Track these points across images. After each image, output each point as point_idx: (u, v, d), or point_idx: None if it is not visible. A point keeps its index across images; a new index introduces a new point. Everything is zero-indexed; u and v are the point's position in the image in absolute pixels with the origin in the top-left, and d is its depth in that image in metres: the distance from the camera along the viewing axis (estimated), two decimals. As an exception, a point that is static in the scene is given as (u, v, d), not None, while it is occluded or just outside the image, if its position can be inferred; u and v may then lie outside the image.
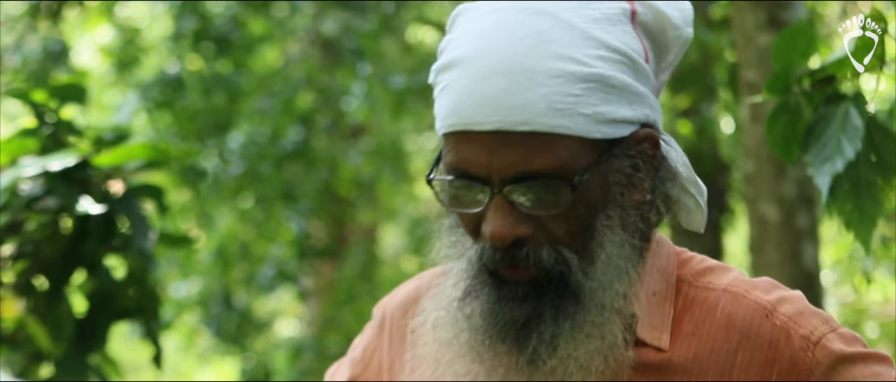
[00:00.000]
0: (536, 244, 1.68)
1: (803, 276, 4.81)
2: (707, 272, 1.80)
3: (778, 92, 2.41)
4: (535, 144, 1.66)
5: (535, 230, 1.68)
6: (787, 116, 2.42)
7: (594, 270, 1.69)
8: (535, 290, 1.69)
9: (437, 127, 1.74)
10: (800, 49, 2.38)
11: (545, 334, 1.67)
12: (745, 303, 1.75)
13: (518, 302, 1.68)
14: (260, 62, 10.06)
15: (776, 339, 1.72)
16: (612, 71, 1.70)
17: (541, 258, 1.67)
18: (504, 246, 1.67)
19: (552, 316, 1.68)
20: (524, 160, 1.65)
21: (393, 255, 12.38)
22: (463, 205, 1.71)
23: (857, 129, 2.32)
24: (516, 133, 1.65)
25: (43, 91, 3.39)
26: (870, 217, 2.36)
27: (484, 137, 1.66)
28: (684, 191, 1.81)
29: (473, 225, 1.71)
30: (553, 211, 1.67)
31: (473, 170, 1.68)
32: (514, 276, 1.69)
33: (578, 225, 1.68)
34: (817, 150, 2.35)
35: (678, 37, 1.80)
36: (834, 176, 2.33)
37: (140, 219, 3.31)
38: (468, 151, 1.68)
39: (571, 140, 1.67)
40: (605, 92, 1.69)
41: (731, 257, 9.96)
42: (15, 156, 3.33)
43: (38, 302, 3.35)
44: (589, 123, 1.68)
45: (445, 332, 1.73)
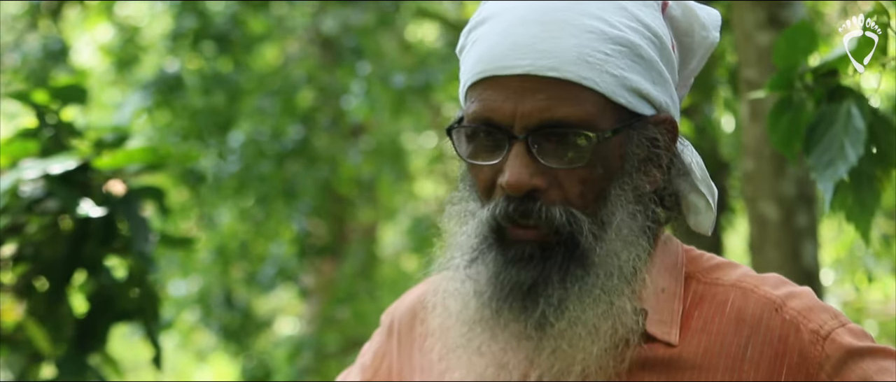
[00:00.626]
0: (549, 202, 1.68)
1: (803, 275, 4.81)
2: (715, 268, 1.81)
3: (780, 88, 2.41)
4: (561, 93, 1.67)
5: (550, 185, 1.68)
6: (790, 112, 2.42)
7: (605, 236, 1.69)
8: (543, 252, 1.68)
9: (464, 81, 1.75)
10: (802, 47, 2.38)
11: (553, 297, 1.67)
12: (754, 298, 1.75)
13: (524, 263, 1.68)
14: (259, 61, 10.05)
15: (786, 333, 1.73)
16: (641, 42, 1.73)
17: (552, 216, 1.67)
18: (519, 196, 1.67)
19: (559, 279, 1.68)
20: (549, 107, 1.67)
21: (392, 254, 12.38)
22: (482, 156, 1.71)
23: (859, 132, 2.32)
24: (544, 79, 1.67)
25: (44, 92, 3.38)
26: (869, 210, 2.36)
27: (511, 83, 1.68)
28: (696, 191, 1.81)
29: (489, 180, 1.71)
30: (571, 165, 1.68)
31: (497, 117, 1.69)
32: (521, 236, 1.68)
33: (592, 188, 1.69)
34: (820, 154, 2.35)
35: (704, 38, 1.83)
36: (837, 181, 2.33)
37: (140, 222, 3.30)
38: (494, 98, 1.69)
39: (596, 97, 1.69)
40: (632, 60, 1.71)
41: (730, 256, 9.95)
42: (16, 158, 3.33)
43: (39, 303, 3.35)
44: (615, 85, 1.70)
45: (455, 301, 1.73)
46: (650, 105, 1.74)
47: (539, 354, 1.70)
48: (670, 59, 1.78)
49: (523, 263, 1.68)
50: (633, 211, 1.72)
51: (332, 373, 10.00)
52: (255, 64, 9.83)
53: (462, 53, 1.78)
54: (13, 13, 9.34)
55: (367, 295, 10.22)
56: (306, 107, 9.80)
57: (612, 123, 1.70)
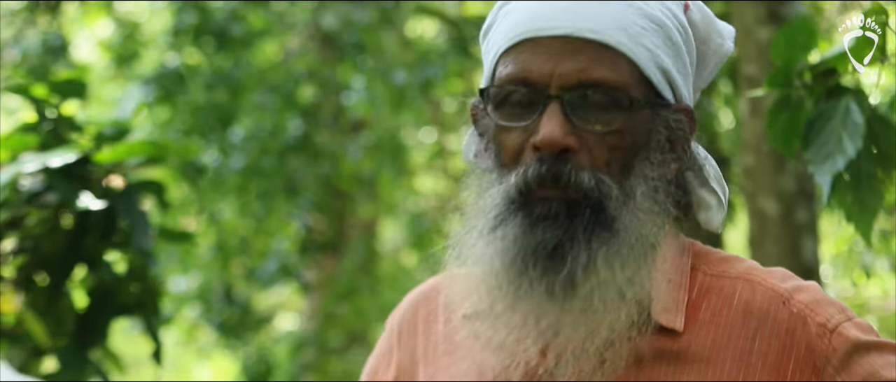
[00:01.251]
0: (578, 165, 1.68)
1: (803, 271, 4.81)
2: (722, 261, 1.81)
3: (779, 86, 2.41)
4: (600, 56, 1.70)
5: (580, 148, 1.69)
6: (789, 110, 2.42)
7: (629, 205, 1.70)
8: (569, 211, 1.68)
9: (496, 51, 1.76)
10: (800, 44, 2.39)
11: (580, 257, 1.66)
12: (761, 290, 1.76)
13: (550, 221, 1.67)
14: (259, 56, 10.05)
15: (793, 326, 1.73)
16: (672, 27, 1.76)
17: (581, 179, 1.68)
18: (551, 155, 1.67)
19: (586, 240, 1.67)
20: (588, 68, 1.69)
21: (392, 250, 12.38)
22: (514, 117, 1.72)
23: (858, 126, 2.32)
24: (584, 41, 1.69)
25: (43, 86, 3.39)
26: (870, 209, 2.36)
27: (550, 43, 1.70)
28: (708, 187, 1.82)
29: (519, 144, 1.71)
30: (605, 128, 1.69)
31: (533, 77, 1.70)
32: (548, 195, 1.68)
33: (619, 158, 1.70)
34: (818, 147, 2.35)
35: (720, 46, 1.85)
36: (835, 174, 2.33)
37: (140, 216, 3.31)
38: (531, 58, 1.71)
39: (632, 66, 1.71)
40: (664, 41, 1.75)
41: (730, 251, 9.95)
42: (15, 152, 3.33)
43: (39, 297, 3.35)
44: (649, 59, 1.72)
45: (479, 264, 1.72)
46: (672, 91, 1.76)
47: (564, 316, 1.69)
48: (693, 56, 1.80)
49: (549, 221, 1.68)
50: (655, 188, 1.72)
51: (333, 369, 10.00)
52: (255, 60, 9.83)
53: (491, 30, 1.80)
54: (12, 9, 9.33)
55: (368, 290, 10.22)
56: (307, 102, 9.80)
57: (642, 94, 1.72)
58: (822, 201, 2.38)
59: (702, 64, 1.85)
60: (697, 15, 1.82)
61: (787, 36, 2.39)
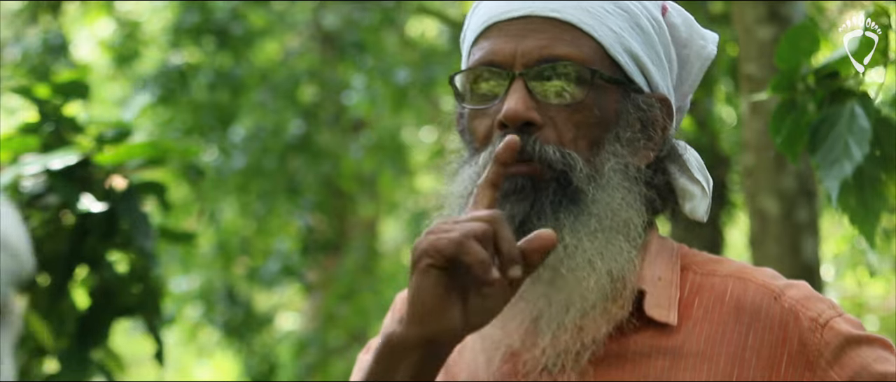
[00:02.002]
0: (544, 140, 1.70)
1: (803, 270, 4.82)
2: (711, 261, 1.82)
3: (783, 90, 2.42)
4: (561, 34, 1.73)
5: (545, 124, 1.71)
6: (793, 115, 2.42)
7: (598, 180, 1.72)
8: (534, 186, 1.70)
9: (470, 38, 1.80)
10: (804, 48, 2.39)
11: (546, 227, 1.66)
12: (752, 287, 1.77)
13: (516, 195, 1.70)
14: (260, 56, 10.06)
15: (785, 320, 1.74)
16: (641, 15, 1.79)
17: (546, 152, 1.70)
18: (515, 128, 1.69)
19: (553, 213, 1.69)
20: (549, 45, 1.72)
21: (393, 249, 12.39)
22: (482, 100, 1.75)
23: (864, 131, 2.33)
24: (545, 20, 1.73)
25: (45, 87, 3.39)
26: (874, 212, 2.37)
27: (512, 25, 1.74)
28: (690, 176, 1.83)
29: (487, 127, 1.74)
30: (568, 101, 1.71)
31: (498, 58, 1.74)
32: (513, 171, 1.69)
33: (587, 134, 1.72)
34: (824, 152, 2.35)
35: (703, 48, 1.86)
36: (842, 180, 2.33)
37: (141, 217, 3.31)
38: (496, 41, 1.75)
39: (595, 45, 1.74)
40: (630, 25, 1.77)
41: (731, 250, 9.97)
42: (17, 154, 3.34)
43: (41, 298, 3.36)
44: (613, 40, 1.75)
45: None
46: (645, 79, 1.78)
47: (535, 288, 1.70)
48: (670, 53, 1.82)
49: (516, 196, 1.70)
50: (625, 165, 1.74)
51: (335, 369, 10.01)
52: (256, 59, 9.83)
53: (466, 30, 1.83)
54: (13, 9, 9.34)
55: (369, 290, 10.23)
56: (308, 102, 9.80)
57: (611, 74, 1.75)
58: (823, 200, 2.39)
59: (685, 67, 1.86)
60: (678, 18, 1.84)
61: (791, 40, 2.40)
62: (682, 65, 1.85)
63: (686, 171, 1.83)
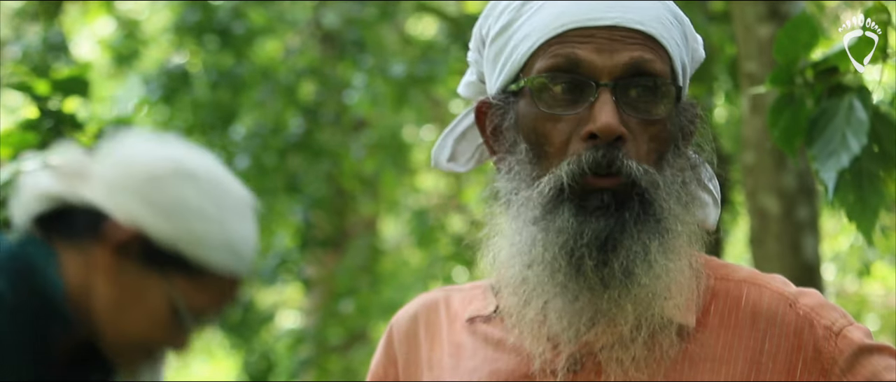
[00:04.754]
0: (628, 154, 1.70)
1: (804, 268, 4.82)
2: (723, 266, 1.84)
3: (781, 84, 2.42)
4: (647, 46, 1.73)
5: (629, 137, 1.71)
6: (791, 108, 2.43)
7: (673, 195, 1.73)
8: (618, 202, 1.69)
9: (532, 42, 1.75)
10: (803, 42, 2.39)
11: (634, 246, 1.68)
12: (768, 293, 1.79)
13: (603, 212, 1.69)
14: (260, 54, 10.06)
15: (801, 327, 1.76)
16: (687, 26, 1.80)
17: (632, 168, 1.69)
18: (608, 141, 1.68)
19: (637, 231, 1.69)
20: (637, 58, 1.71)
21: (394, 247, 12.39)
22: (562, 106, 1.72)
23: (862, 123, 2.33)
24: (631, 31, 1.72)
25: (45, 83, 3.39)
26: (872, 208, 2.37)
27: (598, 33, 1.72)
28: (703, 186, 1.83)
29: (566, 134, 1.72)
30: (654, 115, 1.71)
31: (584, 66, 1.71)
32: (600, 184, 1.69)
33: (657, 149, 1.73)
34: (822, 145, 2.35)
35: (696, 51, 1.86)
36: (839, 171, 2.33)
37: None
38: (580, 48, 1.72)
39: (668, 58, 1.75)
40: (681, 37, 1.79)
41: (731, 249, 9.97)
42: (16, 150, 3.33)
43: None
44: (678, 53, 1.77)
45: (527, 255, 1.72)
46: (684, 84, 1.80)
47: (622, 305, 1.70)
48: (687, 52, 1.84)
49: (601, 212, 1.69)
50: (685, 180, 1.75)
51: (333, 367, 10.00)
52: (256, 57, 9.83)
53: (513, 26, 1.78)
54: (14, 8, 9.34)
55: (369, 288, 10.22)
56: (309, 100, 9.80)
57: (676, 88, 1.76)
58: (824, 198, 2.39)
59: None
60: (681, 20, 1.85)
61: (790, 33, 2.40)
62: None
63: (700, 181, 1.85)
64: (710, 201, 1.85)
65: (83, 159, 2.30)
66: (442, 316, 1.86)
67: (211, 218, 2.30)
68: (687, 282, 1.76)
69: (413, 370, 1.87)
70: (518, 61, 1.77)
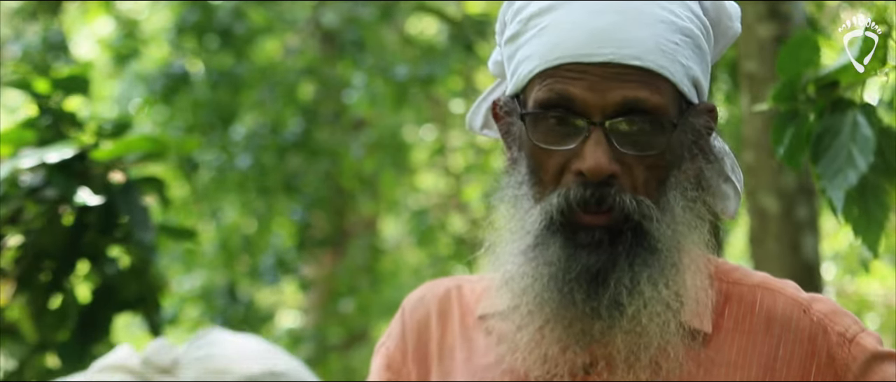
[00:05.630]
0: (621, 189, 1.69)
1: (803, 268, 4.82)
2: (735, 270, 1.84)
3: (784, 101, 2.42)
4: (642, 81, 1.70)
5: (624, 172, 1.70)
6: (794, 125, 2.42)
7: (667, 221, 1.72)
8: (611, 237, 1.69)
9: (531, 67, 1.75)
10: (804, 58, 2.39)
11: (624, 279, 1.68)
12: (781, 299, 1.79)
13: (594, 247, 1.69)
14: (260, 54, 10.06)
15: (814, 334, 1.77)
16: (699, 34, 1.77)
17: (624, 203, 1.69)
18: (596, 181, 1.68)
19: (629, 264, 1.69)
20: (630, 97, 1.69)
21: (393, 247, 12.39)
22: (554, 141, 1.72)
23: (868, 140, 2.32)
24: (626, 67, 1.70)
25: (45, 81, 3.40)
26: (877, 222, 2.36)
27: (592, 70, 1.70)
28: (726, 178, 1.83)
29: (559, 166, 1.72)
30: (648, 152, 1.70)
31: (577, 103, 1.70)
32: (591, 222, 1.69)
33: (657, 177, 1.72)
34: (828, 162, 2.35)
35: (729, 28, 1.85)
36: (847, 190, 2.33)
37: (140, 211, 3.32)
38: (574, 84, 1.71)
39: (669, 86, 1.72)
40: (692, 50, 1.76)
41: (731, 249, 9.97)
42: (15, 147, 3.34)
43: (39, 292, 3.36)
44: (683, 75, 1.74)
45: (517, 283, 1.73)
46: (698, 92, 1.78)
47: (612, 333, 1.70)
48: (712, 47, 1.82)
49: (592, 248, 1.69)
50: (692, 198, 1.75)
51: (333, 367, 10.00)
52: (256, 57, 9.83)
53: (520, 38, 1.78)
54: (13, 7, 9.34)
55: (369, 288, 10.23)
56: (308, 100, 9.81)
57: (677, 112, 1.74)
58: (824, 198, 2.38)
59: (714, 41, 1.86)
60: (708, 3, 1.83)
61: (792, 50, 2.39)
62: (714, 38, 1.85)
63: (723, 173, 1.85)
64: (731, 193, 1.85)
65: (174, 354, 2.37)
66: (454, 306, 1.86)
67: None
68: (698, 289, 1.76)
69: (423, 355, 1.86)
70: (521, 80, 1.77)
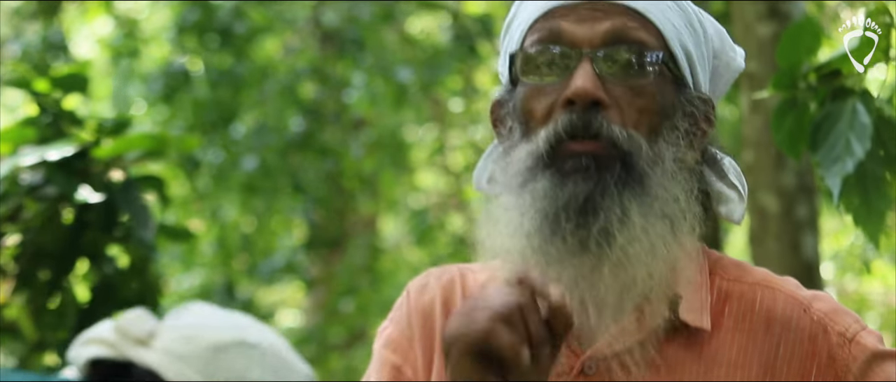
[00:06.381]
0: (609, 119, 1.69)
1: (803, 267, 4.82)
2: (736, 267, 1.82)
3: (784, 88, 2.42)
4: (628, 18, 1.73)
5: (611, 105, 1.70)
6: (794, 112, 2.42)
7: (658, 165, 1.71)
8: (599, 165, 1.69)
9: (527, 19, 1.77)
10: (805, 46, 2.39)
11: (613, 208, 1.67)
12: (782, 297, 1.78)
13: (581, 174, 1.68)
14: (260, 53, 10.06)
15: (815, 333, 1.75)
16: (694, 18, 1.79)
17: (613, 131, 1.69)
18: (583, 105, 1.69)
19: (618, 193, 1.68)
20: (619, 27, 1.72)
21: (393, 246, 12.40)
22: (546, 76, 1.74)
23: (865, 128, 2.32)
24: (614, 6, 1.73)
25: (45, 80, 3.40)
26: (878, 212, 2.36)
27: (581, 8, 1.74)
28: (727, 182, 1.83)
29: (549, 106, 1.72)
30: (636, 81, 1.71)
31: (565, 38, 1.73)
32: (578, 149, 1.69)
33: (648, 120, 1.71)
34: (826, 150, 2.35)
35: (733, 60, 1.87)
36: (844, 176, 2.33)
37: (140, 209, 3.32)
38: (562, 21, 1.74)
39: (658, 34, 1.74)
40: (686, 24, 1.78)
41: (730, 248, 9.97)
42: (15, 146, 3.34)
43: (39, 291, 3.36)
44: (674, 34, 1.76)
45: (507, 221, 1.72)
46: (692, 78, 1.78)
47: (600, 269, 1.68)
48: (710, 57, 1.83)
49: (580, 174, 1.68)
50: (682, 160, 1.74)
51: (335, 366, 10.01)
52: (256, 56, 9.84)
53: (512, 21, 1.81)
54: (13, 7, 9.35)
55: (369, 287, 10.23)
56: (309, 99, 9.81)
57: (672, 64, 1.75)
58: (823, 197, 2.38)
59: (714, 78, 1.86)
60: (711, 29, 1.84)
61: (792, 37, 2.39)
62: (713, 74, 1.85)
63: (722, 175, 1.83)
64: (734, 196, 1.83)
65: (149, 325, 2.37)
66: (458, 296, 1.84)
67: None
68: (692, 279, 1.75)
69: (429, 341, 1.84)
70: (514, 49, 1.79)
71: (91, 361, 2.41)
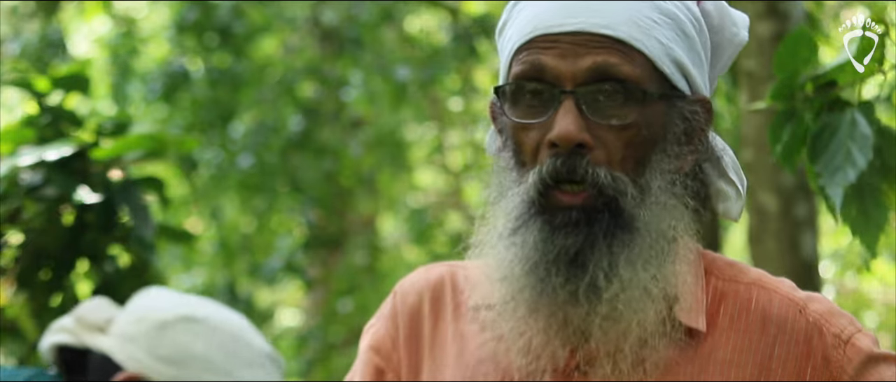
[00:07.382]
0: (595, 161, 1.69)
1: (802, 266, 4.82)
2: (731, 267, 1.83)
3: (782, 99, 2.42)
4: (612, 50, 1.70)
5: (596, 144, 1.69)
6: (791, 125, 2.42)
7: (646, 201, 1.71)
8: (588, 217, 1.69)
9: (510, 49, 1.76)
10: (802, 56, 2.39)
11: (602, 262, 1.67)
12: (777, 298, 1.78)
13: (571, 228, 1.68)
14: (259, 52, 10.06)
15: (810, 335, 1.76)
16: (685, 19, 1.77)
17: (598, 176, 1.68)
18: (566, 151, 1.68)
19: (607, 245, 1.68)
20: (600, 63, 1.70)
21: (392, 245, 12.40)
22: (530, 115, 1.72)
23: (866, 138, 2.32)
24: (596, 36, 1.70)
25: (45, 80, 3.40)
26: (875, 223, 2.36)
27: (563, 39, 1.71)
28: (726, 177, 1.83)
29: (535, 142, 1.72)
30: (620, 122, 1.69)
31: (547, 73, 1.71)
32: (567, 202, 1.69)
33: (635, 153, 1.71)
34: (826, 161, 2.35)
35: (734, 36, 1.85)
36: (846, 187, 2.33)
37: (140, 209, 3.32)
38: (545, 55, 1.72)
39: (644, 60, 1.72)
40: (676, 33, 1.75)
41: (729, 247, 9.97)
42: (14, 146, 3.34)
43: (40, 290, 3.36)
44: (661, 52, 1.73)
45: (497, 270, 1.73)
46: (688, 83, 1.77)
47: (592, 320, 1.69)
48: (707, 46, 1.81)
49: (569, 228, 1.68)
50: (672, 181, 1.73)
51: (336, 365, 10.01)
52: (255, 55, 9.83)
53: (506, 27, 1.80)
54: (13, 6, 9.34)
55: (369, 286, 10.23)
56: (308, 99, 9.81)
57: (656, 89, 1.73)
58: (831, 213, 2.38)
59: (716, 54, 1.85)
60: (710, 5, 1.83)
61: (790, 48, 2.39)
62: (714, 50, 1.84)
63: (722, 173, 1.84)
64: (732, 194, 1.84)
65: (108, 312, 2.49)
66: (447, 296, 1.85)
67: (217, 368, 2.40)
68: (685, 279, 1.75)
69: (415, 342, 1.85)
70: (505, 65, 1.79)
71: (55, 347, 2.53)
